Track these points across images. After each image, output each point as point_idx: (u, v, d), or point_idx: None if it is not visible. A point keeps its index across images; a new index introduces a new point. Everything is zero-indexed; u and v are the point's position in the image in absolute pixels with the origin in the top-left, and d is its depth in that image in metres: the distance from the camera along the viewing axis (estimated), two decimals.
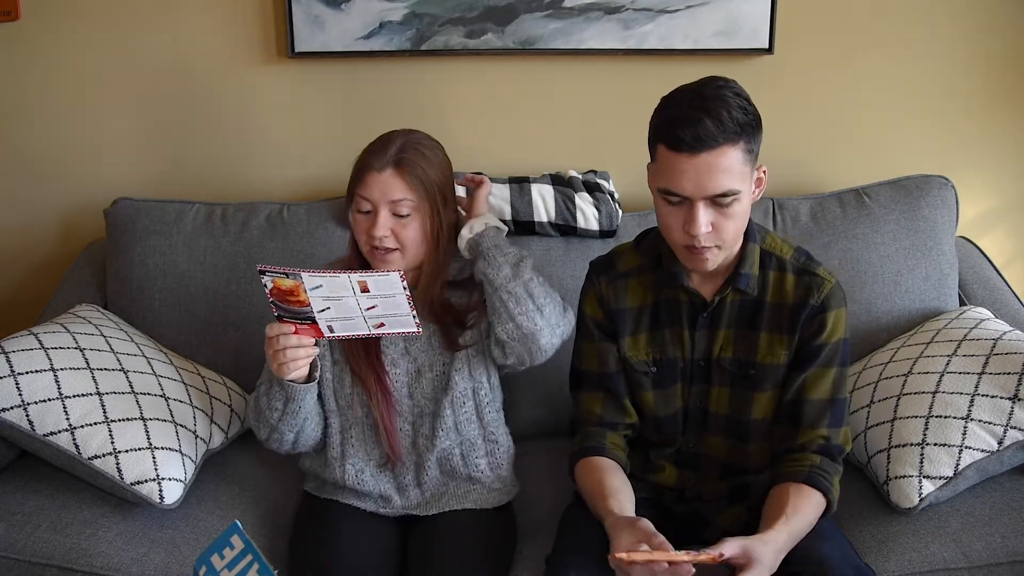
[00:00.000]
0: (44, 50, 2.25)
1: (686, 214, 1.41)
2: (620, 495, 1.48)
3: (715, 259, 1.46)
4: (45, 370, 1.72)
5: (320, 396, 1.72)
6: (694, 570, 1.31)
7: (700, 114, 1.35)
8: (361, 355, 1.69)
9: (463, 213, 1.77)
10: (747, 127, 1.38)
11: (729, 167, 1.37)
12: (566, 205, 2.06)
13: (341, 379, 1.71)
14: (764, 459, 1.59)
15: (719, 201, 1.40)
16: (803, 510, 1.44)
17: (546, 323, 1.61)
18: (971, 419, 1.64)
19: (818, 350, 1.52)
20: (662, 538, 1.33)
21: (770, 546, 1.36)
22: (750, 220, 1.54)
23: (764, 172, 1.48)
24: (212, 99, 2.27)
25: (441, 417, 1.68)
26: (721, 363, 1.55)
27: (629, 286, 1.60)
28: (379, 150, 1.65)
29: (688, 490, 1.63)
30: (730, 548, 1.32)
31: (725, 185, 1.38)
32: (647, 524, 1.35)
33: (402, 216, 1.64)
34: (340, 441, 1.71)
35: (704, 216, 1.40)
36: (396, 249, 1.64)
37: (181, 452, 1.72)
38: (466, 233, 1.68)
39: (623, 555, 1.29)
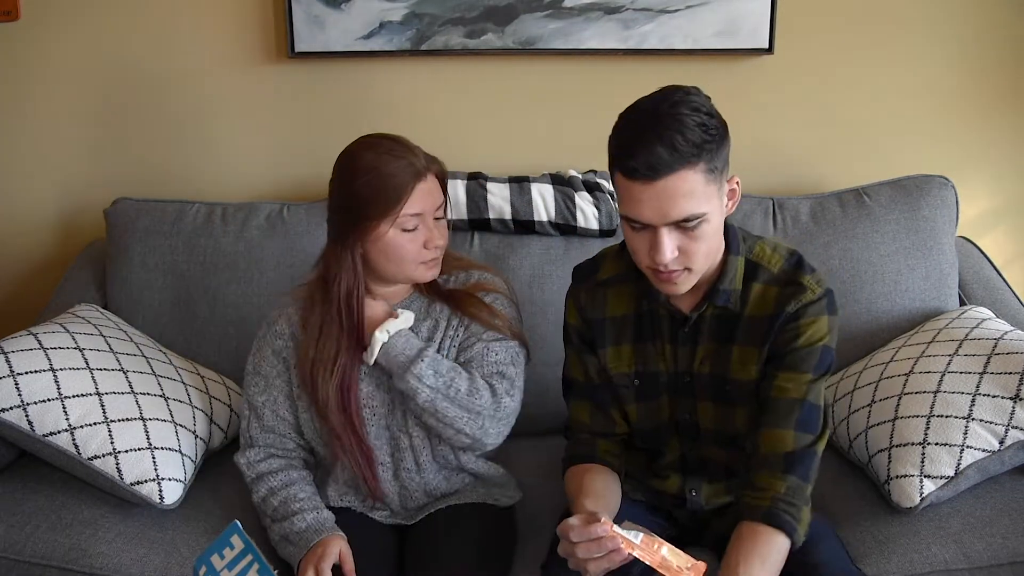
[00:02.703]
0: (44, 50, 2.25)
1: (651, 240, 1.33)
2: (600, 495, 1.43)
3: (686, 282, 1.38)
4: (44, 370, 1.72)
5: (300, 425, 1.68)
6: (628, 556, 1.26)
7: (652, 140, 1.26)
8: (337, 416, 1.58)
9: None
10: (706, 145, 1.28)
11: (690, 191, 1.28)
12: (566, 204, 2.06)
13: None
14: None
15: (684, 225, 1.31)
16: (762, 555, 1.33)
17: (474, 435, 1.55)
18: (972, 419, 1.64)
19: (789, 354, 1.42)
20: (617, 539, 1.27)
21: None
22: (734, 231, 1.47)
23: (737, 183, 1.39)
24: (212, 99, 2.27)
25: (423, 451, 1.64)
26: (700, 378, 1.49)
27: (608, 296, 1.54)
28: (407, 156, 1.53)
29: (690, 500, 1.59)
30: None
31: (687, 210, 1.29)
32: (607, 520, 1.29)
33: (440, 219, 1.58)
34: (323, 472, 1.69)
35: (669, 242, 1.32)
36: (440, 254, 1.60)
37: (181, 452, 1.72)
38: (380, 336, 1.55)
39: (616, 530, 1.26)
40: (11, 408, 1.67)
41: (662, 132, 1.27)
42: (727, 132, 1.34)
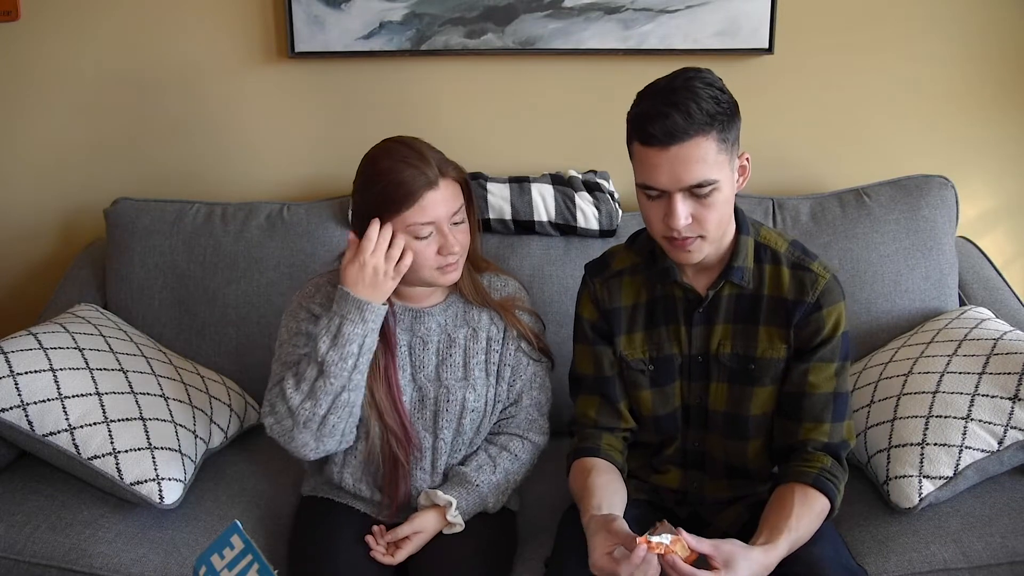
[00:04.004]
0: (44, 50, 2.25)
1: (665, 207, 1.40)
2: (603, 493, 1.46)
3: (700, 250, 1.45)
4: (44, 370, 1.72)
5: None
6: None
7: (668, 108, 1.35)
8: (391, 414, 1.60)
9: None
10: (719, 116, 1.36)
11: (703, 157, 1.36)
12: (566, 204, 2.06)
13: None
14: (764, 460, 1.58)
15: (697, 192, 1.38)
16: (807, 517, 1.42)
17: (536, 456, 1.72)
18: (971, 419, 1.64)
19: (818, 347, 1.50)
20: (636, 538, 1.31)
21: (767, 557, 1.34)
22: (743, 213, 1.53)
23: (748, 160, 1.47)
24: (212, 99, 2.27)
25: (443, 455, 1.66)
26: (720, 358, 1.54)
27: (623, 284, 1.59)
28: (419, 164, 1.52)
29: (691, 494, 1.62)
30: (712, 549, 1.31)
31: (700, 175, 1.37)
32: (622, 525, 1.34)
33: (458, 224, 1.57)
34: (343, 454, 1.67)
35: (683, 208, 1.39)
36: (460, 256, 1.58)
37: (181, 452, 1.72)
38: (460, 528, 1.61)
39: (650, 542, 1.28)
40: (11, 408, 1.67)
41: (677, 101, 1.36)
42: (738, 110, 1.42)
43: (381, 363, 1.61)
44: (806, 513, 1.43)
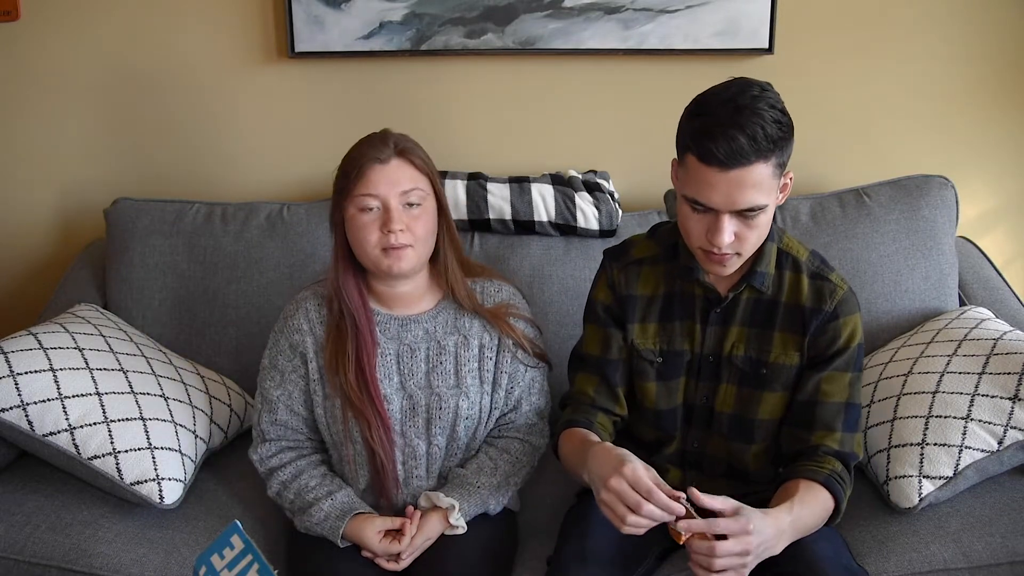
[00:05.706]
0: (44, 50, 2.25)
1: (710, 223, 1.40)
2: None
3: (733, 265, 1.46)
4: (44, 370, 1.72)
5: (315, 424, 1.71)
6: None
7: (734, 130, 1.31)
8: (360, 399, 1.61)
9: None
10: (780, 141, 1.35)
11: (759, 183, 1.35)
12: (566, 205, 2.06)
13: (333, 415, 1.65)
14: (766, 465, 1.58)
15: (745, 214, 1.38)
16: (811, 505, 1.43)
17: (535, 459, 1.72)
18: (971, 419, 1.64)
19: (833, 356, 1.51)
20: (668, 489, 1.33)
21: (770, 520, 1.34)
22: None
23: (791, 178, 1.46)
24: (213, 99, 2.27)
25: (438, 461, 1.66)
26: (732, 360, 1.54)
27: (642, 273, 1.59)
28: (377, 144, 1.58)
29: (691, 493, 1.62)
30: (723, 504, 1.32)
31: (754, 200, 1.36)
32: (655, 474, 1.34)
33: (412, 206, 1.58)
34: (337, 455, 1.70)
35: (729, 227, 1.39)
36: (410, 245, 1.58)
37: (181, 452, 1.72)
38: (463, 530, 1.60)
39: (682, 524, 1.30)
40: (11, 408, 1.67)
41: (744, 124, 1.32)
42: (793, 130, 1.39)
43: (352, 350, 1.61)
44: (810, 500, 1.43)
